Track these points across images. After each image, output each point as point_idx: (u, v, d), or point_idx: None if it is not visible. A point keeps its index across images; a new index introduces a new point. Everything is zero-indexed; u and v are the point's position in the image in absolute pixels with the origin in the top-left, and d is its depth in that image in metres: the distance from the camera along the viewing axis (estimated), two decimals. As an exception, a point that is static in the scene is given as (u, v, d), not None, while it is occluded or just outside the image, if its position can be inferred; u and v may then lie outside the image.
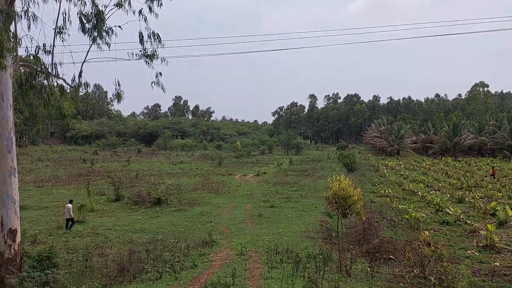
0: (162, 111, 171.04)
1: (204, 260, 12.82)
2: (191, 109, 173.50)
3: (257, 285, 10.26)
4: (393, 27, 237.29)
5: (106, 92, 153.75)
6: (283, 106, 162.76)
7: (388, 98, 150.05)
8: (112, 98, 12.60)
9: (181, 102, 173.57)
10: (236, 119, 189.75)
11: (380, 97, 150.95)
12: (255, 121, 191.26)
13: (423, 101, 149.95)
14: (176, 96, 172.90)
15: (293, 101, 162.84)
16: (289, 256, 13.16)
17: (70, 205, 18.65)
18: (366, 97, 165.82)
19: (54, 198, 26.47)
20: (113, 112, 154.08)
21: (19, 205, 11.36)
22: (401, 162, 62.16)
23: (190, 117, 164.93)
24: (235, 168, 49.43)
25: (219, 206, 24.11)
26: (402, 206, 23.30)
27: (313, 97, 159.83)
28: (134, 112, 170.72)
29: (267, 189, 31.36)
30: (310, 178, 38.65)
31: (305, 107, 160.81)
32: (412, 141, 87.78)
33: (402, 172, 46.53)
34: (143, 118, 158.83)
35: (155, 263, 12.10)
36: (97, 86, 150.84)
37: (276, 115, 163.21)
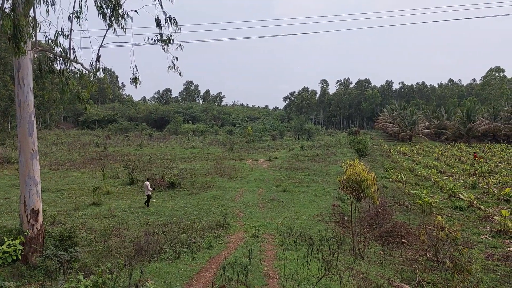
0: (173, 96, 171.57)
1: (220, 242, 13.09)
2: (202, 94, 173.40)
3: (273, 265, 10.48)
4: (406, 12, 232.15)
5: (117, 76, 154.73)
6: (294, 91, 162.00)
7: (400, 83, 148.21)
8: (130, 82, 12.64)
9: (192, 87, 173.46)
10: (247, 104, 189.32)
11: (392, 82, 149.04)
12: (266, 106, 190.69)
13: (437, 86, 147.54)
14: (187, 81, 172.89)
15: (304, 86, 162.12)
16: (302, 239, 13.36)
17: (147, 182, 19.48)
18: (378, 82, 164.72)
19: (70, 181, 27.04)
20: (124, 96, 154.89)
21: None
22: (413, 148, 61.70)
23: (201, 102, 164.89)
24: (247, 153, 49.68)
25: (232, 190, 24.39)
26: (415, 191, 23.31)
27: (324, 82, 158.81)
28: (145, 97, 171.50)
29: (279, 174, 31.55)
30: (321, 163, 38.73)
31: (316, 92, 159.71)
32: (424, 127, 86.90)
33: (414, 158, 46.26)
34: (154, 103, 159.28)
35: (172, 244, 12.41)
36: (109, 71, 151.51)
37: (287, 100, 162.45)
